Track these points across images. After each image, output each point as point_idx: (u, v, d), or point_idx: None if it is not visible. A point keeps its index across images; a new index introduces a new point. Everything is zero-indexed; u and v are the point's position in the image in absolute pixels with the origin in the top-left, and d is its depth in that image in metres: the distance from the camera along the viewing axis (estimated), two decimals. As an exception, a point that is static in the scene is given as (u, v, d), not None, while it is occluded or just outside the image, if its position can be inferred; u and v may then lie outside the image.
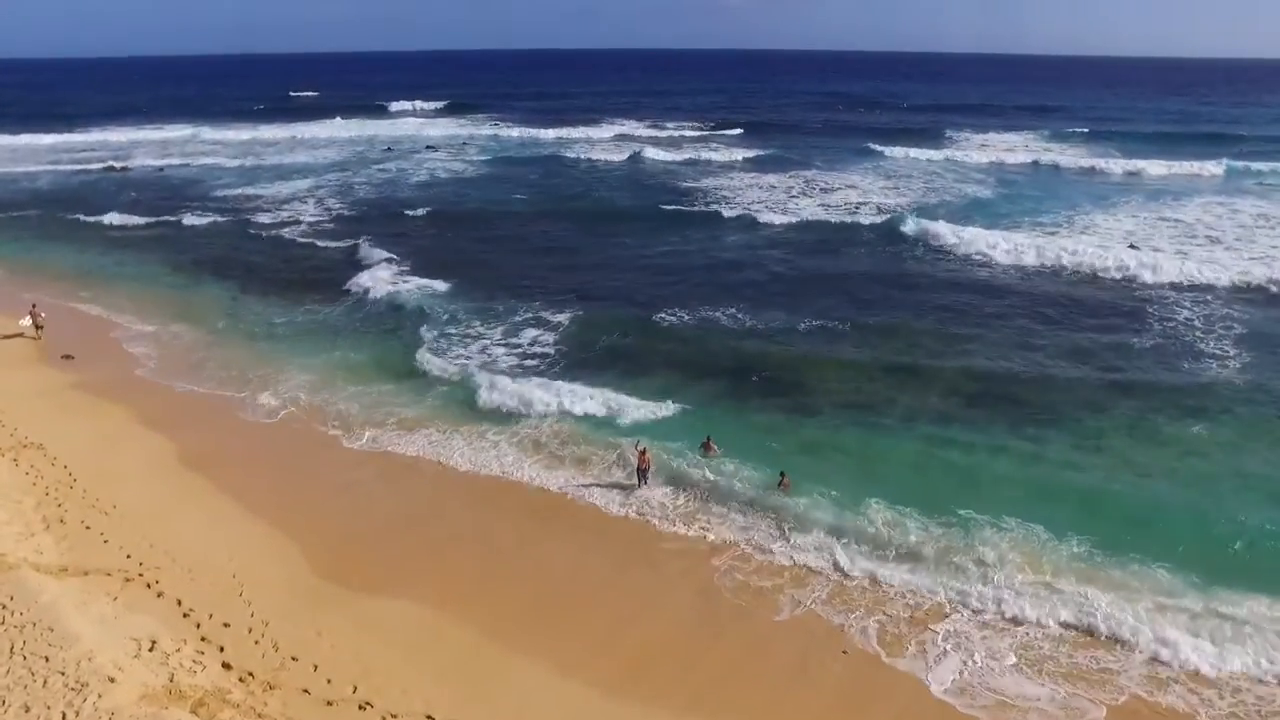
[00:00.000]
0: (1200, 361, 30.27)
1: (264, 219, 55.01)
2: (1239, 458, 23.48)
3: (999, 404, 26.61)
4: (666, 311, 35.57)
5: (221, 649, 15.59)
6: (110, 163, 78.43)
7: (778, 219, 52.14)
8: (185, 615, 16.49)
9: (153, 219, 54.82)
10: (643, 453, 22.34)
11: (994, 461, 23.30)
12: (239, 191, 64.54)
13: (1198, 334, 32.98)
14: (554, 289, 38.71)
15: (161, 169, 76.80)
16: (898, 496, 21.09)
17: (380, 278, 40.38)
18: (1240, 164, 71.03)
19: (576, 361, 30.74)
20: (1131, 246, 44.71)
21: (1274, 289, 38.03)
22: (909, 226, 48.02)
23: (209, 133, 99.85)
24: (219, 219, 55.34)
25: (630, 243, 47.62)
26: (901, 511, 20.44)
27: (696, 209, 55.95)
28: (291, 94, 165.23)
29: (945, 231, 46.63)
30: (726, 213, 53.56)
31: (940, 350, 31.26)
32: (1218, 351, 31.10)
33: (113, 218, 54.33)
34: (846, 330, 33.34)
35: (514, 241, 48.38)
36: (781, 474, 21.90)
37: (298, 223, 53.83)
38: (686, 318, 35.05)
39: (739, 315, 35.19)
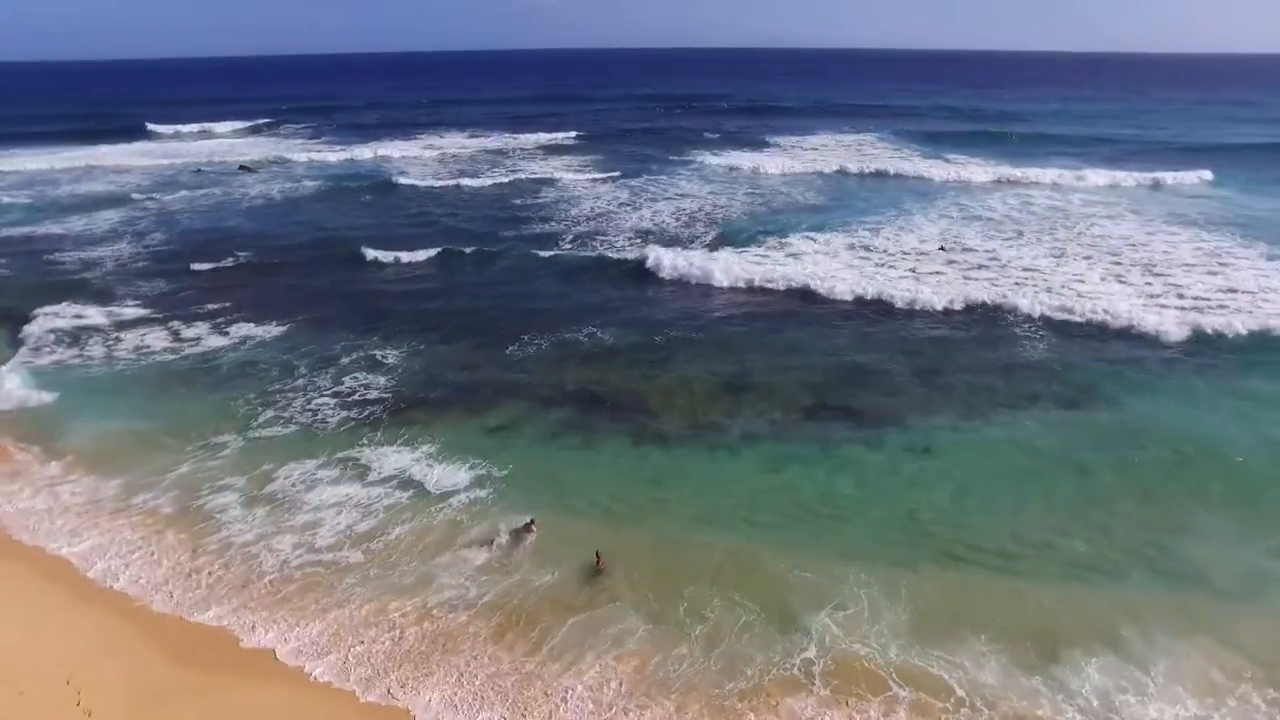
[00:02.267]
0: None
1: (66, 260, 50.36)
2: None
3: (834, 422, 28.19)
4: (495, 347, 35.31)
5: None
6: None
7: (603, 252, 50.48)
8: (15, 745, 15.18)
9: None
10: (530, 523, 22.18)
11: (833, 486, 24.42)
12: (30, 230, 58.27)
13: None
14: (385, 328, 37.85)
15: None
16: (727, 569, 20.66)
17: (207, 326, 38.48)
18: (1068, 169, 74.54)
19: (412, 403, 30.06)
20: (941, 249, 48.09)
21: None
22: (689, 258, 46.42)
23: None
24: (7, 264, 49.76)
25: (468, 280, 46.09)
26: (730, 600, 19.48)
27: (520, 233, 55.29)
28: (87, 113, 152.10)
29: (740, 260, 46.50)
30: (543, 249, 51.13)
31: (767, 375, 32.04)
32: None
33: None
34: (683, 355, 34.17)
35: (347, 280, 46.13)
36: (596, 554, 21.02)
37: (107, 265, 49.40)
38: (517, 353, 34.89)
39: (575, 345, 35.51)
